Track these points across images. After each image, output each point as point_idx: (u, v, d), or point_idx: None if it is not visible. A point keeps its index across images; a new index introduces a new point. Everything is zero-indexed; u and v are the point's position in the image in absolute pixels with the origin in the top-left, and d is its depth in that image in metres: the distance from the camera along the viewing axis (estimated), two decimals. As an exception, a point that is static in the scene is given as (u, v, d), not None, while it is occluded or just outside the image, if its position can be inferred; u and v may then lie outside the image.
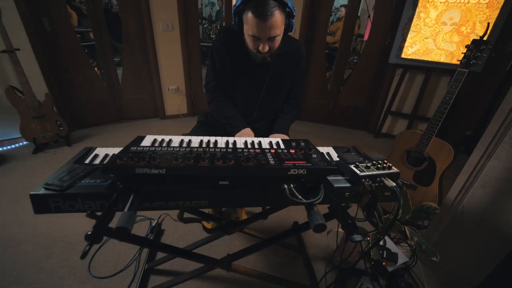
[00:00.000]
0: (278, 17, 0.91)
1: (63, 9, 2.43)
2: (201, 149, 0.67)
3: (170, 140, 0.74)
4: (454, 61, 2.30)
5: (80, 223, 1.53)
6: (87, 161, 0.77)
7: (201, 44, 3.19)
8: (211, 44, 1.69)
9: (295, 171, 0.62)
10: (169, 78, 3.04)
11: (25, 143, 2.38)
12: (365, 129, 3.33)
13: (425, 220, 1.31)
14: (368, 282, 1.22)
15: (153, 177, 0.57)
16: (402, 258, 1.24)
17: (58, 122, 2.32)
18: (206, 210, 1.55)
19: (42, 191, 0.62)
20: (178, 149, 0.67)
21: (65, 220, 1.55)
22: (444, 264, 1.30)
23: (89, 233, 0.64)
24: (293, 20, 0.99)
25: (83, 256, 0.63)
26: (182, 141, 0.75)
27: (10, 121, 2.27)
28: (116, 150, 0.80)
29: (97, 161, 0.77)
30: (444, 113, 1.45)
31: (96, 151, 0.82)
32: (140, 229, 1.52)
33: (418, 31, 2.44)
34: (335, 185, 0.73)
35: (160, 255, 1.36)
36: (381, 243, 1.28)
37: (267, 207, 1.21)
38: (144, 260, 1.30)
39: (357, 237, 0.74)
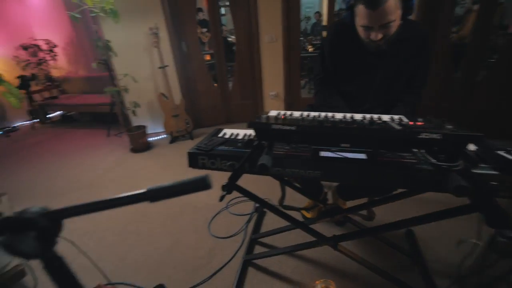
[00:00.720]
0: (391, 2, 0.87)
1: (195, 36, 3.18)
2: (322, 118, 0.74)
3: (291, 113, 0.85)
4: None
5: (204, 195, 1.89)
6: (220, 136, 0.99)
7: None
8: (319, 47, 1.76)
9: (427, 135, 0.58)
10: (270, 84, 3.36)
11: (164, 136, 3.18)
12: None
13: None
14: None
15: (285, 133, 0.67)
16: None
17: (187, 121, 2.98)
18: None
19: (194, 150, 0.85)
20: (301, 117, 0.76)
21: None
22: None
23: (224, 184, 0.83)
24: (413, 1, 0.93)
25: (221, 199, 0.82)
26: (301, 113, 0.84)
27: (156, 120, 3.15)
28: (238, 131, 0.98)
29: (226, 136, 0.98)
30: None
31: (224, 131, 1.04)
32: (246, 207, 1.74)
33: None
34: (475, 171, 0.59)
35: (262, 229, 1.51)
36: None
37: (376, 198, 1.13)
38: (250, 231, 1.49)
39: (510, 232, 0.61)
